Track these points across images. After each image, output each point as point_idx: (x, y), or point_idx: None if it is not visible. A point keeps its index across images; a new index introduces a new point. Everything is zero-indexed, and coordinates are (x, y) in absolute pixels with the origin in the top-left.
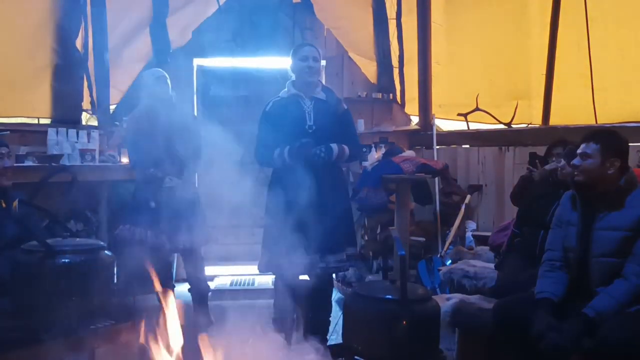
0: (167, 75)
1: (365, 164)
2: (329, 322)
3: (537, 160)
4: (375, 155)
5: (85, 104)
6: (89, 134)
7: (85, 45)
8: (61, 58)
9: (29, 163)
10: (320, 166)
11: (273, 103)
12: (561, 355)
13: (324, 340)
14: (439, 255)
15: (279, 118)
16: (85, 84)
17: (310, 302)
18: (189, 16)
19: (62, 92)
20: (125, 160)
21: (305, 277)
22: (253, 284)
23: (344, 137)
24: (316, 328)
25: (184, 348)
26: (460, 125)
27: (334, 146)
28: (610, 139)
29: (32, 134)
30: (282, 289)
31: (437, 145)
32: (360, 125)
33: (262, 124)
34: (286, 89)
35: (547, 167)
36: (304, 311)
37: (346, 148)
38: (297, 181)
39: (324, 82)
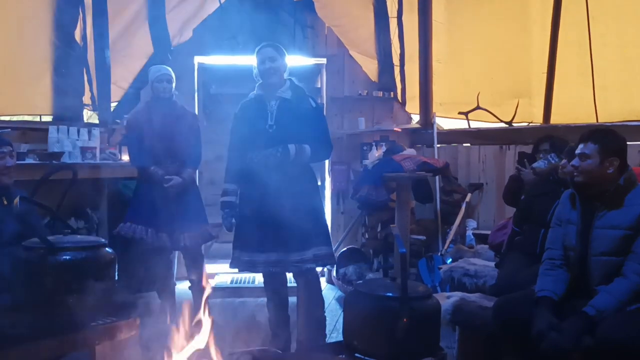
0: (172, 74)
1: (366, 162)
2: (323, 319)
3: (525, 160)
4: (375, 154)
5: (86, 98)
6: (90, 132)
7: (84, 37)
8: (60, 51)
9: (29, 161)
10: (281, 166)
11: (241, 105)
12: (561, 354)
13: (322, 337)
14: (439, 254)
15: (244, 119)
16: (85, 78)
17: (301, 300)
18: (190, 14)
19: (62, 86)
20: (125, 158)
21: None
22: (253, 282)
23: (309, 135)
24: (311, 325)
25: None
26: (461, 124)
27: (291, 147)
28: (608, 138)
29: (33, 132)
30: (270, 288)
31: (438, 143)
32: (361, 124)
33: (232, 127)
34: (254, 91)
35: (534, 165)
36: (298, 309)
37: (307, 147)
38: (261, 181)
39: (324, 80)
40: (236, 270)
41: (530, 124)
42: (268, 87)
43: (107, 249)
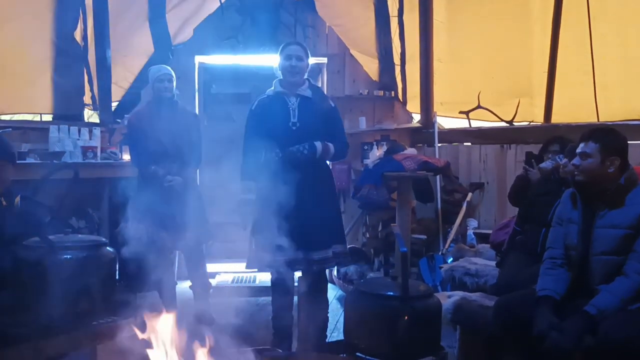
0: (173, 74)
1: (367, 161)
2: (327, 319)
3: (533, 160)
4: (376, 153)
5: (86, 98)
6: (90, 131)
7: (84, 38)
8: (60, 51)
9: (30, 160)
10: (305, 164)
11: (259, 101)
12: (563, 354)
13: (323, 337)
14: (440, 253)
15: (264, 116)
16: (86, 78)
17: (306, 300)
18: (190, 13)
19: (62, 86)
20: (126, 157)
21: (298, 274)
22: (254, 281)
23: (329, 134)
24: (314, 325)
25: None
26: (462, 123)
27: (318, 144)
28: (609, 137)
29: (33, 131)
30: (278, 287)
31: (439, 142)
32: (362, 123)
33: (248, 124)
34: (272, 87)
35: (542, 165)
36: (301, 309)
37: (331, 146)
38: (282, 179)
39: (325, 79)
40: (236, 268)
41: (531, 124)
42: (289, 84)
43: (108, 248)
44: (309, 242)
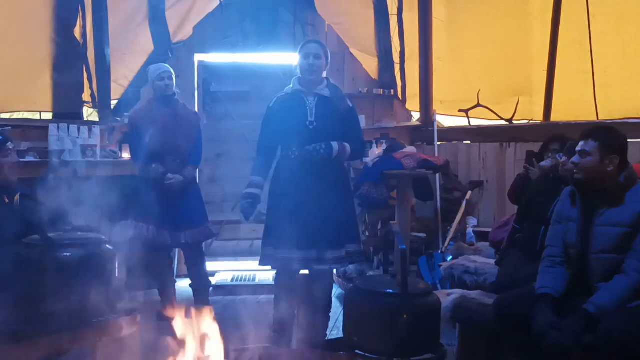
0: (172, 71)
1: (366, 159)
2: (328, 318)
3: (534, 159)
4: (376, 151)
5: (85, 96)
6: (90, 130)
7: (84, 35)
8: (60, 49)
9: (30, 158)
10: (321, 163)
11: (277, 99)
12: (563, 352)
13: (323, 335)
14: (439, 251)
15: (281, 114)
16: (85, 75)
17: (310, 299)
18: (190, 11)
19: (62, 83)
20: (126, 155)
21: (305, 272)
22: (254, 279)
23: (346, 134)
24: (316, 324)
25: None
26: (461, 121)
27: (335, 144)
28: (608, 135)
29: (33, 130)
30: (283, 285)
31: (438, 141)
32: (362, 121)
33: (265, 120)
34: (291, 85)
35: (542, 164)
36: (304, 307)
37: (347, 146)
38: (298, 177)
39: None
40: (236, 267)
41: (531, 122)
42: (307, 83)
43: (107, 246)
44: (323, 241)
